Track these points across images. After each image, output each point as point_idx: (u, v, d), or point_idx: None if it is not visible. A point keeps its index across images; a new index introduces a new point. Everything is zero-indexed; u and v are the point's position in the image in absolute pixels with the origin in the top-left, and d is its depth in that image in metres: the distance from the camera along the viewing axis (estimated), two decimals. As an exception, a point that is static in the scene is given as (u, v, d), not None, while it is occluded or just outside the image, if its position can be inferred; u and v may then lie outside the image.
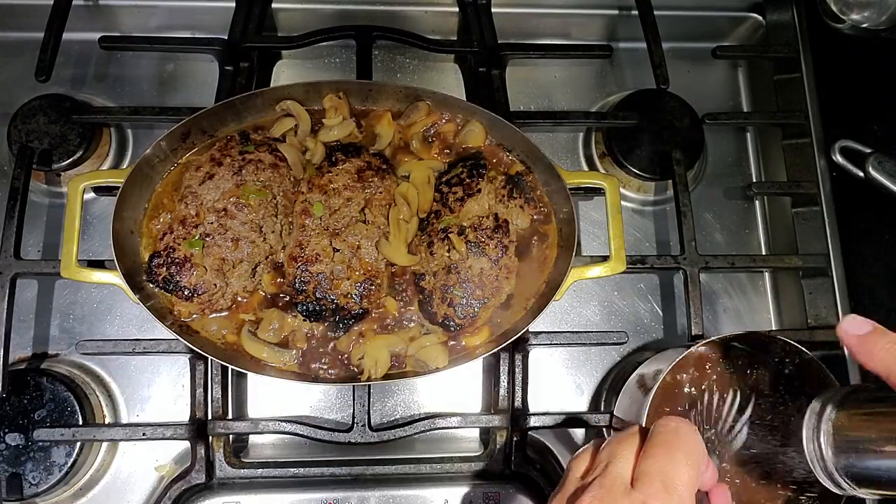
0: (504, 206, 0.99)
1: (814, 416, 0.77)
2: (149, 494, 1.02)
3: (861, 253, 1.09)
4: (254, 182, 0.96)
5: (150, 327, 1.05)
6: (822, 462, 0.76)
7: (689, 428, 0.68)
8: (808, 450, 0.77)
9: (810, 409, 0.79)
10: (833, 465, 0.75)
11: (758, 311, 1.18)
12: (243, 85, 1.11)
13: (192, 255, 0.92)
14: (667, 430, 0.67)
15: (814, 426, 0.77)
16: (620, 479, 0.64)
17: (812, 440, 0.77)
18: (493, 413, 1.01)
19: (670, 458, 0.64)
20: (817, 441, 0.76)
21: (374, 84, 1.06)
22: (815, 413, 0.78)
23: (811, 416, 0.78)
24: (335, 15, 1.22)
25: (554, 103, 1.24)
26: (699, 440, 0.68)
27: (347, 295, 0.95)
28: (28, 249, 1.08)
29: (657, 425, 0.68)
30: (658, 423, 0.69)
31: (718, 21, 1.30)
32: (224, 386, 1.00)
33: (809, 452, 0.77)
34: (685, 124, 1.16)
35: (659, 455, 0.65)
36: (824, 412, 0.76)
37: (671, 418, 0.69)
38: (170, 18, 1.21)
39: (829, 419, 0.75)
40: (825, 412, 0.76)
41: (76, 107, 1.10)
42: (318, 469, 0.98)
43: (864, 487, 0.73)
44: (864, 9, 1.19)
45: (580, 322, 1.14)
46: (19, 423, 0.97)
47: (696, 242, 1.06)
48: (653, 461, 0.64)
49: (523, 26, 1.25)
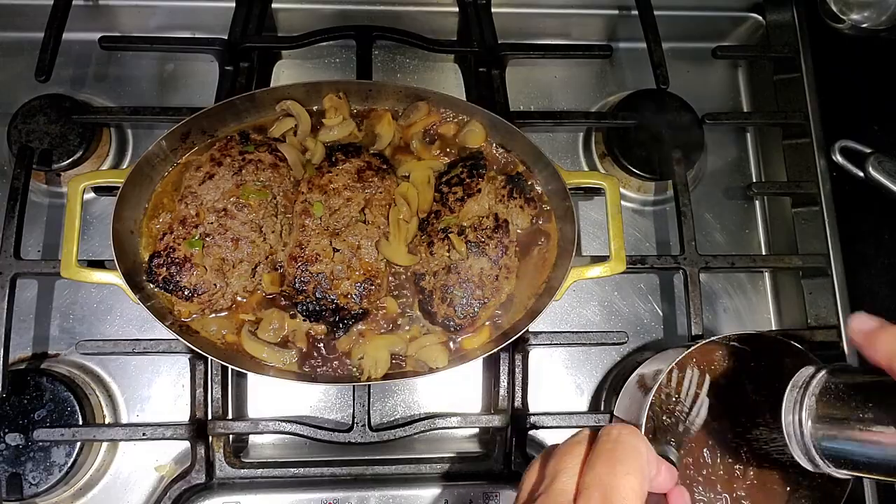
0: (504, 206, 0.99)
1: (796, 389, 0.76)
2: (149, 494, 1.02)
3: (861, 253, 1.09)
4: (254, 182, 0.96)
5: (150, 327, 1.05)
6: (800, 436, 0.74)
7: (630, 435, 0.66)
8: (787, 422, 0.76)
9: (793, 381, 0.77)
10: (811, 439, 0.73)
11: (758, 311, 1.18)
12: (243, 85, 1.11)
13: (192, 255, 0.92)
14: (608, 440, 0.66)
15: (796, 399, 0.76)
16: (564, 495, 0.62)
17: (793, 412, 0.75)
18: (493, 413, 1.01)
19: (611, 468, 0.62)
20: (798, 414, 0.75)
21: (374, 84, 1.06)
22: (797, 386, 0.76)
23: (793, 388, 0.76)
24: (335, 15, 1.22)
25: (554, 103, 1.25)
26: (642, 447, 0.66)
27: (347, 295, 0.95)
28: (28, 249, 1.08)
29: (601, 434, 0.67)
30: (601, 432, 0.67)
31: (718, 21, 1.30)
32: (224, 386, 1.00)
33: (787, 425, 0.76)
34: (685, 124, 1.16)
35: (599, 466, 0.63)
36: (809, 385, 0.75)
37: (614, 426, 0.68)
38: (170, 18, 1.21)
39: (813, 393, 0.74)
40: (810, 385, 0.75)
41: (76, 107, 1.10)
42: (318, 469, 0.98)
43: (840, 468, 0.72)
44: (864, 9, 1.19)
45: (580, 322, 1.14)
46: (19, 423, 0.97)
47: (696, 242, 1.06)
48: (593, 474, 0.63)
49: (523, 26, 1.25)
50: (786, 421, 0.76)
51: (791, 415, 0.76)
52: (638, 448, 0.65)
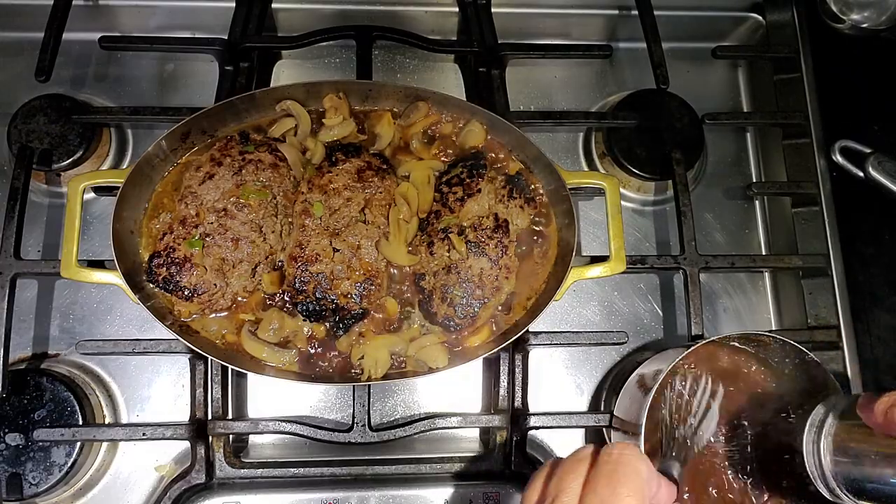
0: (504, 206, 0.99)
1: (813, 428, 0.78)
2: (149, 494, 1.02)
3: (861, 253, 1.09)
4: (254, 182, 0.96)
5: (150, 327, 1.05)
6: (820, 472, 0.77)
7: (631, 456, 0.68)
8: (809, 462, 0.78)
9: (810, 420, 0.79)
10: (832, 475, 0.75)
11: (758, 311, 1.18)
12: (243, 85, 1.11)
13: (192, 255, 0.92)
14: (609, 461, 0.67)
15: (813, 439, 0.78)
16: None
17: (812, 452, 0.78)
18: (493, 413, 1.01)
19: (612, 490, 0.64)
20: (817, 453, 0.77)
21: (374, 84, 1.06)
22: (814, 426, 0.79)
23: (811, 428, 0.79)
24: (335, 15, 1.22)
25: (554, 103, 1.25)
26: (642, 467, 0.68)
27: (347, 295, 0.94)
28: (28, 249, 1.08)
29: (602, 454, 0.69)
30: (602, 452, 0.69)
31: (718, 21, 1.30)
32: (224, 386, 1.00)
33: (809, 464, 0.78)
34: (685, 124, 1.16)
35: (601, 488, 0.65)
36: (825, 423, 0.77)
37: (615, 445, 0.70)
38: (170, 18, 1.21)
39: (830, 432, 0.76)
40: (825, 423, 0.77)
41: (76, 107, 1.10)
42: (318, 469, 0.98)
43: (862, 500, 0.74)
44: (864, 9, 1.19)
45: (580, 322, 1.14)
46: (19, 423, 0.97)
47: (696, 242, 1.06)
48: (593, 495, 0.65)
49: (523, 26, 1.25)
50: (808, 461, 0.78)
51: (811, 456, 0.78)
52: (638, 469, 0.67)
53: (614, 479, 0.65)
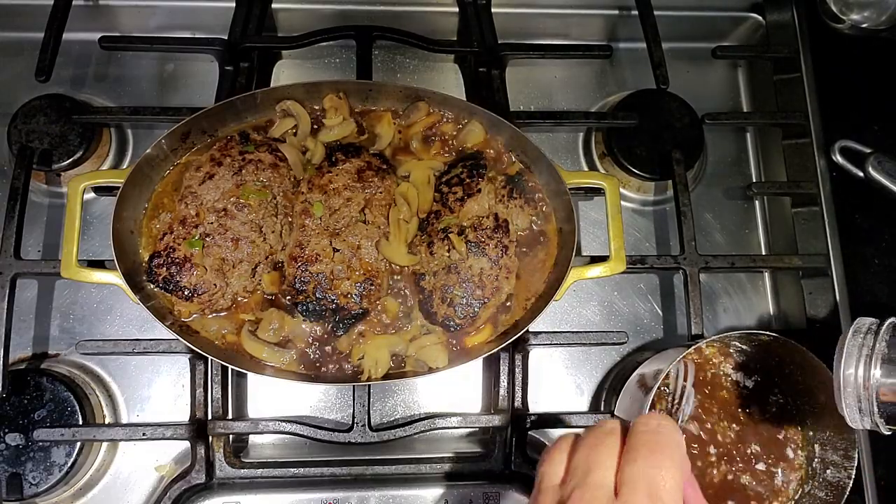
0: (504, 206, 0.99)
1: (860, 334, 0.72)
2: (149, 494, 1.02)
3: (861, 253, 1.09)
4: (254, 182, 0.96)
5: (150, 327, 1.05)
6: (859, 386, 0.70)
7: (670, 426, 0.63)
8: (846, 373, 0.71)
9: (854, 328, 0.73)
10: (875, 389, 0.69)
11: (758, 311, 1.18)
12: (243, 85, 1.11)
13: (192, 255, 0.92)
14: (648, 430, 0.62)
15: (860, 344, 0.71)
16: (603, 490, 0.59)
17: (856, 358, 0.71)
18: (493, 413, 1.01)
19: (654, 462, 0.59)
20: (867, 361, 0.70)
21: (374, 84, 1.06)
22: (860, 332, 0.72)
23: (856, 334, 0.72)
24: (335, 15, 1.22)
25: (554, 103, 1.25)
26: (681, 439, 0.63)
27: (347, 295, 0.94)
28: (28, 249, 1.08)
29: (637, 424, 0.63)
30: (638, 422, 0.63)
31: (718, 21, 1.30)
32: (224, 386, 1.00)
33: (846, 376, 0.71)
34: (685, 124, 1.16)
35: (641, 459, 0.59)
36: (880, 330, 0.71)
37: (652, 415, 0.64)
38: (170, 18, 1.21)
39: (884, 339, 0.70)
40: (881, 330, 0.71)
41: (76, 107, 1.10)
42: (318, 469, 0.98)
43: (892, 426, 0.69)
44: (864, 9, 1.19)
45: (580, 322, 1.14)
46: (19, 423, 0.97)
47: (696, 242, 1.06)
48: (635, 467, 0.59)
49: (523, 26, 1.25)
50: (846, 370, 0.71)
51: (854, 361, 0.71)
52: (680, 441, 0.62)
53: (657, 450, 0.60)
